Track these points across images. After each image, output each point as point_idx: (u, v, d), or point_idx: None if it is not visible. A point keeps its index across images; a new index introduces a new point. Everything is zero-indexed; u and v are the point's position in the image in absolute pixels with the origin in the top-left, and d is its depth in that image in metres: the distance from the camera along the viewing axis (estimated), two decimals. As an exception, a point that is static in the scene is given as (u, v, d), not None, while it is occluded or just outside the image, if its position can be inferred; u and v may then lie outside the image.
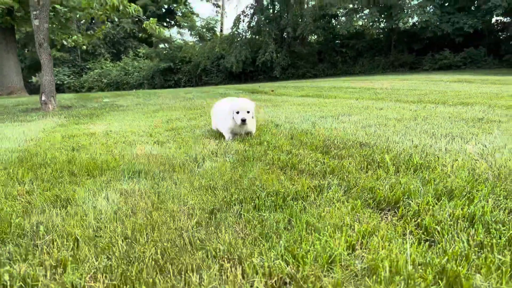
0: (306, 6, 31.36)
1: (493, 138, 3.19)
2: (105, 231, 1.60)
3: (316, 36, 32.91)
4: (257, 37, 31.70)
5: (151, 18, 12.19)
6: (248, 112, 3.60)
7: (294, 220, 1.63)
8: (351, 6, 29.04)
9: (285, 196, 1.93)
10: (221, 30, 40.84)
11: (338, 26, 29.91)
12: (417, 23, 26.73)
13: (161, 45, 37.25)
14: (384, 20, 29.65)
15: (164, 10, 39.23)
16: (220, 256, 1.34)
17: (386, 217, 1.69)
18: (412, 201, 1.79)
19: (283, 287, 1.17)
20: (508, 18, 25.58)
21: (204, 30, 41.56)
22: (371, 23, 29.62)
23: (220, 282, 1.19)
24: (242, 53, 29.78)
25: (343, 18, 30.95)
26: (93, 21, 31.78)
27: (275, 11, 31.76)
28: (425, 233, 1.49)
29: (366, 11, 29.23)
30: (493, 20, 25.97)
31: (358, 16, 29.68)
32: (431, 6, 27.57)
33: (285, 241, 1.43)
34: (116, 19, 14.49)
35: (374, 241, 1.39)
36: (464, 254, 1.28)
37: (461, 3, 26.99)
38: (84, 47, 20.71)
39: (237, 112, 3.59)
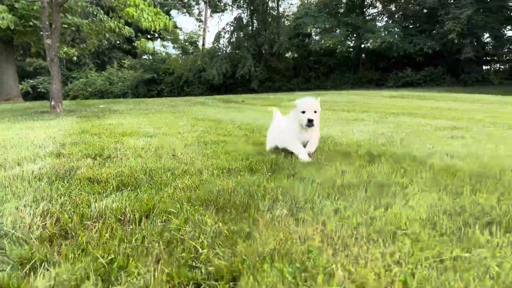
0: (282, 25, 34.21)
1: (350, 127, 5.70)
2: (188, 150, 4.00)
3: (291, 53, 35.62)
4: (236, 51, 34.02)
5: (142, 39, 14.59)
6: (315, 112, 3.35)
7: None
8: (323, 26, 31.84)
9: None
10: (203, 44, 43.07)
11: (312, 43, 32.69)
12: (383, 44, 29.25)
13: (145, 57, 39.00)
14: (354, 40, 32.62)
15: (148, 23, 41.14)
16: (252, 163, 3.75)
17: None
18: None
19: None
20: (463, 40, 28.09)
21: (187, 43, 43.98)
22: (341, 41, 32.20)
23: (250, 173, 3.54)
24: (223, 67, 31.89)
25: (316, 37, 33.86)
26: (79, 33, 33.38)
27: (254, 29, 34.46)
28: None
29: (337, 31, 32.11)
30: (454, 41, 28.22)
31: (329, 35, 32.21)
32: (395, 28, 30.74)
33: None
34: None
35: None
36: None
37: (423, 26, 30.16)
38: (75, 58, 22.79)
39: (303, 112, 3.34)
